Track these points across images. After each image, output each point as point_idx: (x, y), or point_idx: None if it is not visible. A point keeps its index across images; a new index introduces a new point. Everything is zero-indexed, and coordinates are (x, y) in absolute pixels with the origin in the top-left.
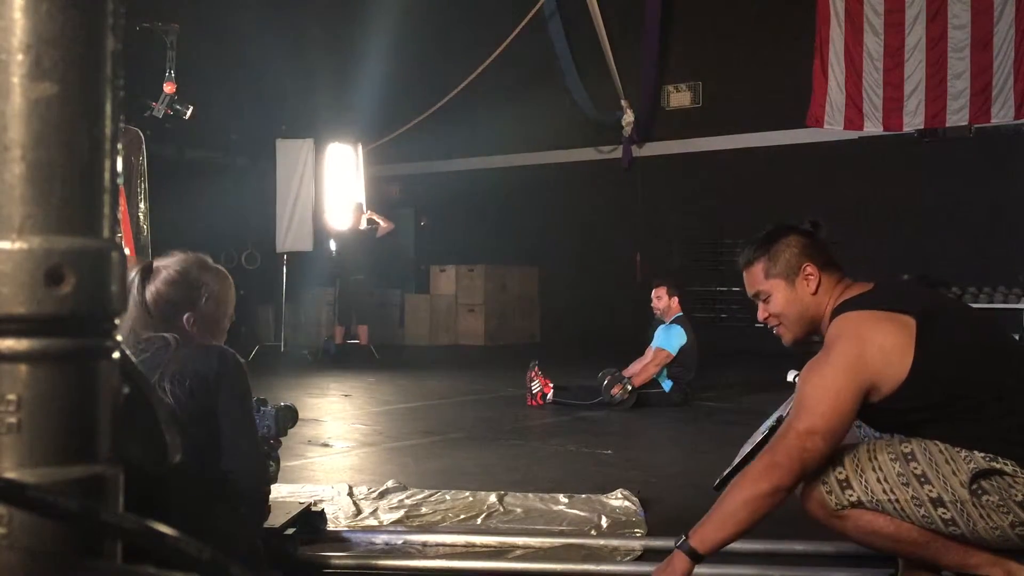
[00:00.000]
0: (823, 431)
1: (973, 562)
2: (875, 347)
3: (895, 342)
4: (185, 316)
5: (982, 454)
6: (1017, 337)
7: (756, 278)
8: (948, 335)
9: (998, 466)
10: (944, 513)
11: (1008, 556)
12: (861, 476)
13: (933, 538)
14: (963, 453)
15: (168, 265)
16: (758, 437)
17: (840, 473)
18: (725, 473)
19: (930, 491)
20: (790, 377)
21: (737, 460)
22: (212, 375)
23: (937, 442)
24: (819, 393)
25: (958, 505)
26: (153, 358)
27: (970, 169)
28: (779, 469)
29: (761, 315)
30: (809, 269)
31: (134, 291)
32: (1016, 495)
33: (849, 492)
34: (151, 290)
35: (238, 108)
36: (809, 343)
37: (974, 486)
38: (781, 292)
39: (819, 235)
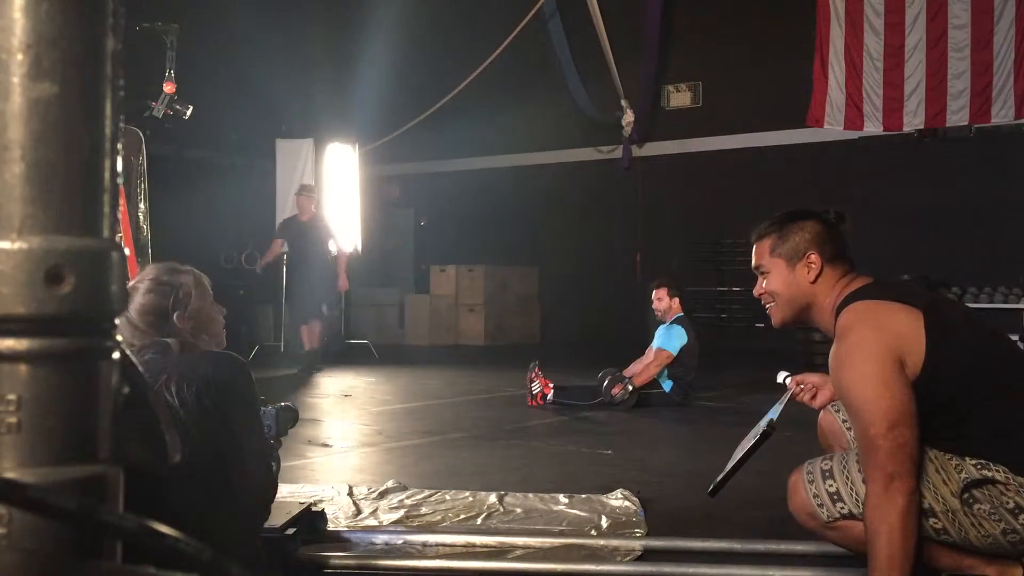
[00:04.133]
0: (900, 421)
1: (967, 563)
2: (890, 330)
3: (908, 328)
4: (175, 315)
5: (973, 461)
6: (1017, 337)
7: (762, 251)
8: (952, 333)
9: (989, 474)
10: (935, 523)
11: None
12: (851, 489)
13: (926, 545)
14: (954, 461)
15: (140, 280)
16: (749, 442)
17: (831, 486)
18: (719, 479)
19: (920, 502)
20: (780, 379)
21: (730, 465)
22: (221, 381)
23: (927, 449)
24: (868, 392)
25: (949, 515)
26: (153, 362)
27: (970, 169)
28: (897, 476)
29: (757, 290)
30: (812, 257)
31: None
32: (1008, 503)
33: (840, 505)
34: (133, 307)
35: (238, 108)
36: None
37: (965, 495)
38: (779, 272)
39: (839, 227)
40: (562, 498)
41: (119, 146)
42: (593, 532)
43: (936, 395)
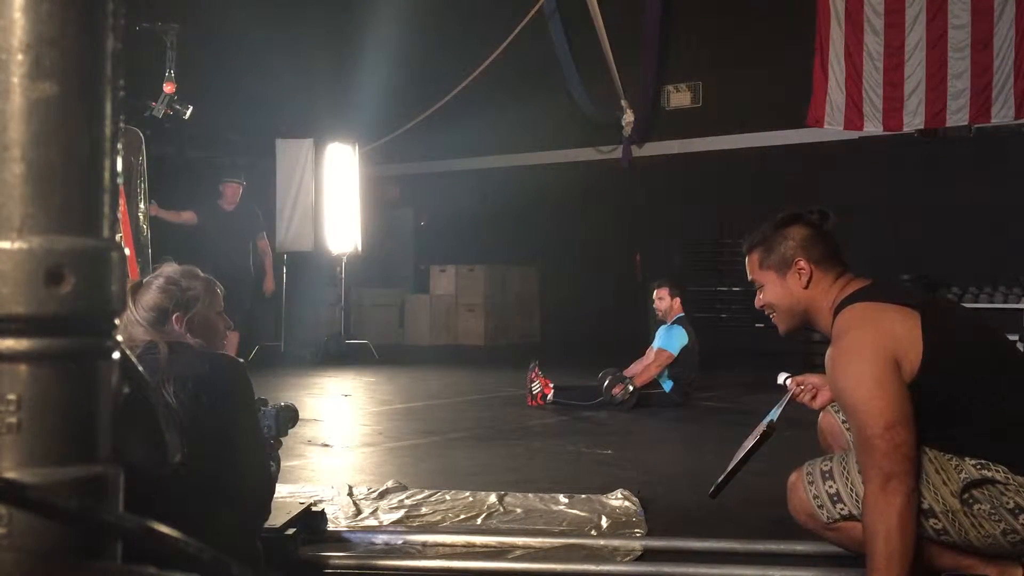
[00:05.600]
0: (897, 421)
1: (967, 564)
2: (887, 332)
3: (905, 329)
4: (174, 316)
5: (973, 461)
6: (1017, 337)
7: (752, 266)
8: (949, 333)
9: (989, 474)
10: (935, 524)
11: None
12: (851, 490)
13: (926, 546)
14: (954, 461)
15: (155, 277)
16: (750, 443)
17: (830, 487)
18: (719, 480)
19: (920, 502)
20: (780, 379)
21: (731, 466)
22: (218, 382)
23: (927, 450)
24: (863, 393)
25: (949, 515)
26: (150, 362)
27: (970, 169)
28: (895, 476)
29: (757, 303)
30: (801, 264)
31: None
32: (1007, 503)
33: (840, 506)
34: (142, 303)
35: (238, 108)
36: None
37: (965, 495)
38: (772, 284)
39: (825, 226)
40: (562, 498)
41: (119, 146)
42: (593, 532)
43: (934, 395)
